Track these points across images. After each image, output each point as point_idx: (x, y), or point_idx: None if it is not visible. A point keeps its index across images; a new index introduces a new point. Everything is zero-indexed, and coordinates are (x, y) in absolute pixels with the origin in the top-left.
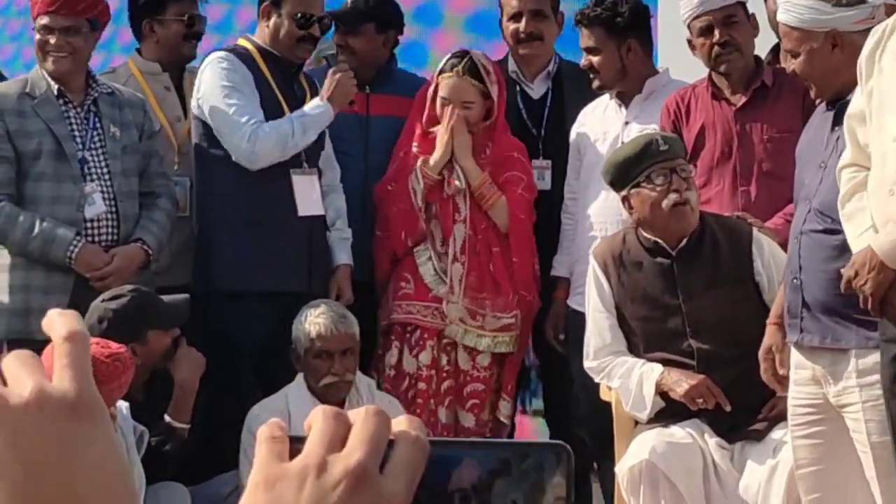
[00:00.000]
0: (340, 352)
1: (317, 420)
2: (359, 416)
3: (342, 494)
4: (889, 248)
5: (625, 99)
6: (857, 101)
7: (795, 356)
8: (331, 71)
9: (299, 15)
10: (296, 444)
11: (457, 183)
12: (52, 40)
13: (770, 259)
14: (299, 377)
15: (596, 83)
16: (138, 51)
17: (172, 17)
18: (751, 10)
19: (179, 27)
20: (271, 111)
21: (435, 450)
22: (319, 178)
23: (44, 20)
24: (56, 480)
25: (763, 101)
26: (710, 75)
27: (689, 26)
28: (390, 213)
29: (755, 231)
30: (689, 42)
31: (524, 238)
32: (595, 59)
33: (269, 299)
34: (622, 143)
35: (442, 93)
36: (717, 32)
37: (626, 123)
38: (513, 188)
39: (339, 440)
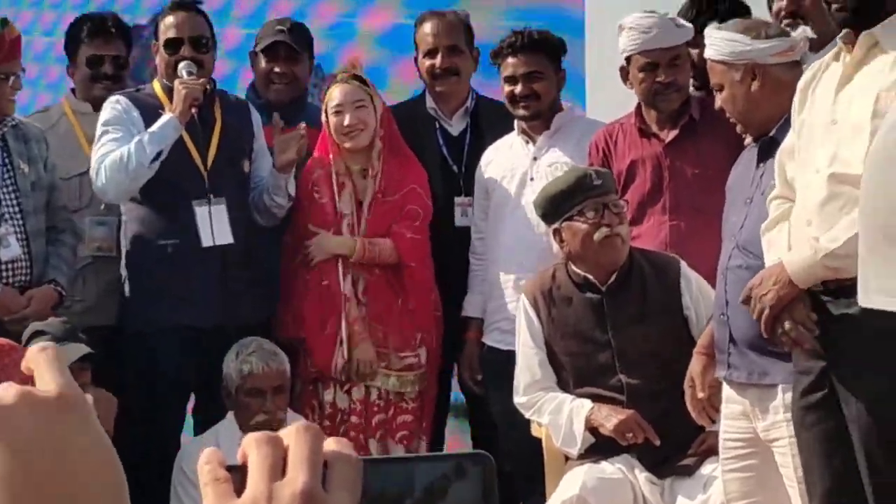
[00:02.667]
0: (272, 390)
1: (251, 449)
2: (291, 436)
3: None
4: (799, 267)
5: (531, 135)
6: (789, 136)
7: (726, 390)
8: (176, 82)
9: (165, 42)
10: (235, 473)
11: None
12: (14, 84)
13: (698, 293)
14: (230, 415)
15: (532, 110)
16: (73, 91)
17: (82, 60)
18: None
19: (85, 69)
20: (174, 145)
21: (366, 466)
22: (237, 204)
23: (13, 66)
24: (49, 465)
25: (692, 136)
26: (638, 110)
27: (627, 58)
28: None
29: (683, 266)
30: (623, 71)
31: (418, 285)
32: (538, 86)
33: (182, 334)
34: (531, 179)
35: (333, 102)
36: (661, 72)
37: (535, 159)
38: (404, 232)
39: (278, 466)
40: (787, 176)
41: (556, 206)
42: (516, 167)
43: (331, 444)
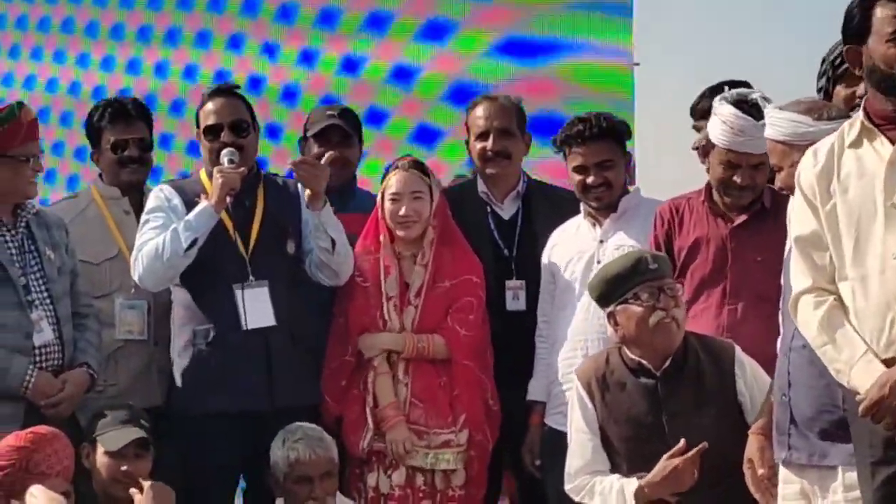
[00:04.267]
0: (319, 476)
1: None
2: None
3: None
4: None
5: (597, 217)
6: (806, 224)
7: (783, 472)
8: (215, 170)
9: (205, 129)
10: None
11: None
12: (36, 166)
13: (752, 379)
14: (279, 502)
15: (605, 200)
16: (101, 176)
17: (105, 145)
18: None
19: (111, 155)
20: (213, 228)
21: None
22: (281, 287)
23: (32, 148)
24: None
25: (760, 222)
26: (708, 189)
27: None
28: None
29: (738, 351)
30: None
31: (470, 381)
32: (609, 174)
33: (228, 419)
34: (598, 262)
35: (391, 190)
36: (741, 173)
37: (601, 242)
38: (458, 328)
39: None
40: (819, 264)
41: (611, 289)
42: (583, 250)
43: None
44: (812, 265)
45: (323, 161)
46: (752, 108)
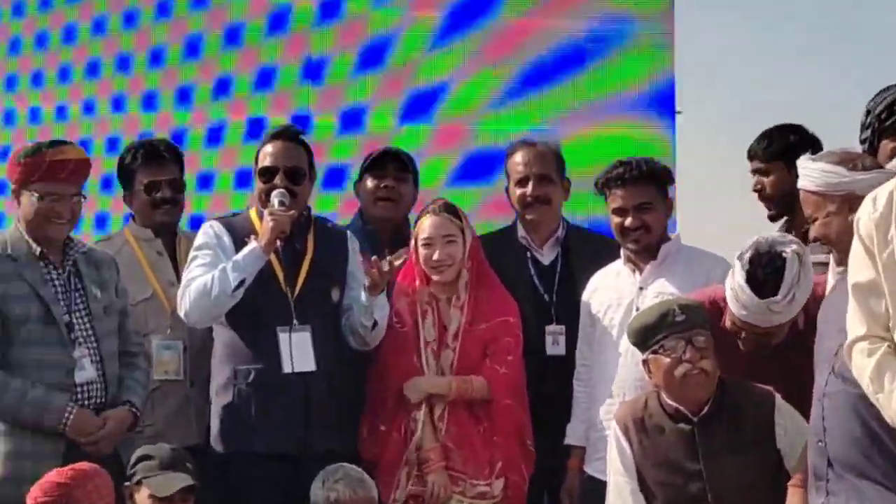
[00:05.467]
0: None
1: None
2: None
3: None
4: None
5: (637, 264)
6: (863, 272)
7: None
8: (266, 212)
9: (260, 170)
10: None
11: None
12: (59, 208)
13: (793, 426)
14: None
15: (643, 243)
16: (133, 218)
17: (139, 187)
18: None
19: (144, 196)
20: (261, 269)
21: None
22: (323, 333)
23: (52, 187)
24: None
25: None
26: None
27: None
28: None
29: (777, 399)
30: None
31: (509, 422)
32: (648, 217)
33: (267, 459)
34: (637, 308)
35: (423, 234)
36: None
37: (641, 289)
38: (498, 368)
39: None
40: (875, 311)
41: (642, 339)
42: (623, 296)
43: None
44: (868, 312)
45: (397, 263)
46: (769, 267)
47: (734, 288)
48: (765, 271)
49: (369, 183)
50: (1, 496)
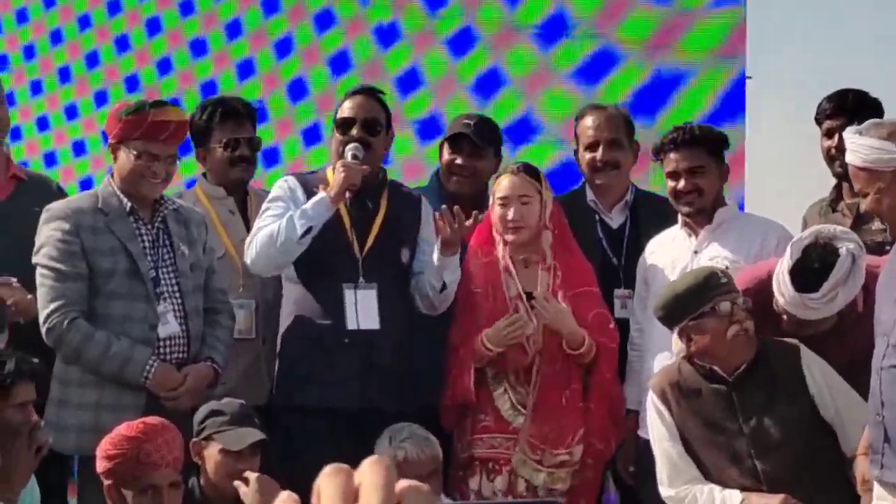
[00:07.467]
0: (427, 474)
1: (324, 480)
2: (363, 469)
3: None
4: None
5: (693, 228)
6: None
7: (877, 489)
8: (339, 163)
9: (338, 122)
10: None
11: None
12: (155, 167)
13: (821, 374)
14: None
15: (696, 206)
16: (205, 175)
17: (216, 144)
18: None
19: (223, 153)
20: (331, 224)
21: None
22: (389, 293)
23: (151, 147)
24: None
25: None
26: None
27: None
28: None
29: (803, 349)
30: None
31: (605, 394)
32: (701, 181)
33: (328, 415)
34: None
35: (499, 193)
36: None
37: (696, 253)
38: (600, 337)
39: (351, 494)
40: None
41: (684, 305)
42: (677, 260)
43: (403, 483)
44: None
45: (469, 222)
46: (819, 260)
47: (779, 273)
48: (814, 263)
49: (446, 154)
50: (81, 445)
